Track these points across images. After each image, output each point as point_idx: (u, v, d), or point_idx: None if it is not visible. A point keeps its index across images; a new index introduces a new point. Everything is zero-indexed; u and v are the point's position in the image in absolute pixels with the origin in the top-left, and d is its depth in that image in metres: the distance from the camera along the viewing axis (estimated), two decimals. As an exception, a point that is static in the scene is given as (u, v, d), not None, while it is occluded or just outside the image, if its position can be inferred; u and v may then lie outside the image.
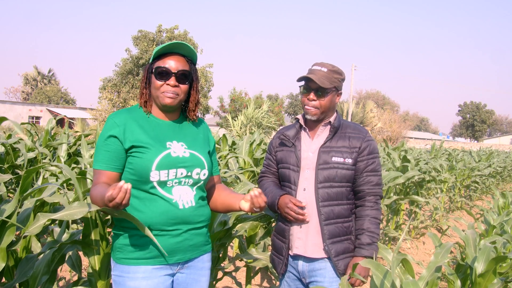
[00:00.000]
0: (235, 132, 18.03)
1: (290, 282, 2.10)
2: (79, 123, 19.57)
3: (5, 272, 1.80)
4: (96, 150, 1.66)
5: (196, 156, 1.71)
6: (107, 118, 1.68)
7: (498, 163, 11.96)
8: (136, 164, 1.61)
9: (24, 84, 53.39)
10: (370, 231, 1.96)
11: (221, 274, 2.83)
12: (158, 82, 1.65)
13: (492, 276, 2.02)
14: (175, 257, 1.66)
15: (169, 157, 1.63)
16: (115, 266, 1.65)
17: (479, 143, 53.48)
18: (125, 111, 1.70)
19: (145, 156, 1.60)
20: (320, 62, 2.04)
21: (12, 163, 3.90)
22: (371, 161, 2.01)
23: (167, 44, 1.66)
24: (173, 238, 1.63)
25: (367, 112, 30.80)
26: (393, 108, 54.96)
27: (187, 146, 1.71)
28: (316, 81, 1.94)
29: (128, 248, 1.62)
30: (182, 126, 1.77)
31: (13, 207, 1.61)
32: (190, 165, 1.67)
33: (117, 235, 1.66)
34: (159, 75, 1.65)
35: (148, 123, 1.69)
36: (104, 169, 1.62)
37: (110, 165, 1.62)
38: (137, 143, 1.62)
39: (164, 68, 1.64)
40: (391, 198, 4.59)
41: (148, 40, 24.67)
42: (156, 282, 1.62)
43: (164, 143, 1.66)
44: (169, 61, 1.66)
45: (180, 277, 1.71)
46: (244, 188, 2.48)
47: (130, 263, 1.61)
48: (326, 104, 2.00)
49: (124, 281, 1.61)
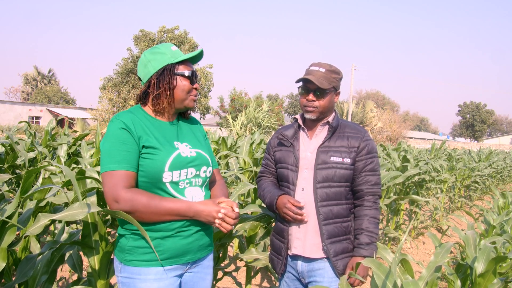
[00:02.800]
0: (235, 132, 18.03)
1: (290, 282, 2.10)
2: (79, 123, 19.55)
3: (5, 273, 1.80)
4: (108, 151, 1.57)
5: (201, 154, 1.73)
6: (112, 119, 1.63)
7: (498, 162, 11.96)
8: (148, 166, 1.58)
9: (24, 84, 53.39)
10: (369, 230, 1.96)
11: (221, 274, 2.83)
12: (190, 86, 1.71)
13: (492, 276, 2.02)
14: (186, 257, 1.66)
15: (180, 157, 1.63)
16: (123, 268, 1.62)
17: (479, 143, 53.48)
18: (128, 112, 1.67)
19: (157, 157, 1.59)
20: (317, 63, 2.03)
21: (12, 163, 3.91)
22: (370, 161, 2.01)
23: (197, 53, 1.74)
24: (185, 239, 1.63)
25: (367, 112, 30.78)
26: (393, 108, 54.96)
27: (191, 146, 1.72)
28: (315, 82, 1.93)
29: (139, 250, 1.59)
30: (180, 126, 1.78)
31: (13, 207, 1.60)
32: (198, 164, 1.69)
33: (125, 237, 1.63)
34: (190, 78, 1.71)
35: (151, 124, 1.67)
36: (127, 169, 1.54)
37: (132, 164, 1.56)
38: (148, 144, 1.59)
39: (195, 72, 1.73)
40: (391, 198, 4.59)
41: (149, 40, 24.66)
42: (167, 283, 1.61)
43: (172, 143, 1.66)
44: (190, 65, 1.75)
45: (187, 276, 1.72)
46: (244, 189, 2.48)
47: (141, 265, 1.59)
48: (325, 104, 2.00)
49: (134, 283, 1.59)
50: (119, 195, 1.52)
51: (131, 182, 1.56)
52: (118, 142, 1.56)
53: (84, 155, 4.27)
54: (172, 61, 1.68)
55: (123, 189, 1.52)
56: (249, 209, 2.39)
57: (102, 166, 1.56)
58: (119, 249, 1.65)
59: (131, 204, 1.52)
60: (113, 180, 1.53)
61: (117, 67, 25.21)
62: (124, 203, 1.52)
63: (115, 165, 1.54)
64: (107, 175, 1.54)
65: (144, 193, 1.56)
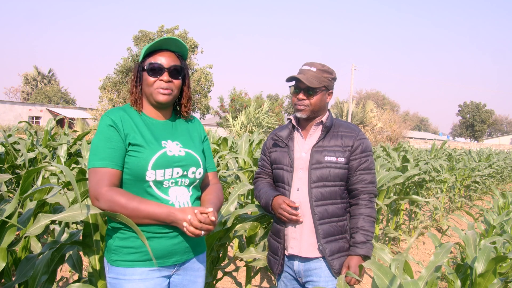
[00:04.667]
0: (235, 132, 18.03)
1: (287, 282, 2.10)
2: (79, 123, 19.55)
3: (5, 273, 1.80)
4: (95, 147, 1.58)
5: (191, 154, 1.69)
6: (102, 116, 1.64)
7: (498, 162, 11.95)
8: (132, 164, 1.58)
9: (24, 84, 53.39)
10: (364, 229, 1.95)
11: (221, 274, 2.83)
12: (151, 79, 1.64)
13: (492, 276, 2.03)
14: (172, 259, 1.63)
15: (165, 156, 1.61)
16: (110, 268, 1.61)
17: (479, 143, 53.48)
18: (119, 109, 1.67)
19: (141, 155, 1.57)
20: (309, 62, 2.04)
21: (12, 163, 3.91)
22: (364, 159, 2.01)
23: (158, 41, 1.64)
24: (170, 240, 1.61)
25: (367, 112, 30.77)
26: (393, 108, 54.95)
27: (182, 145, 1.69)
28: (305, 81, 1.94)
29: (124, 250, 1.58)
30: (176, 124, 1.76)
31: (13, 207, 1.60)
32: (185, 164, 1.65)
33: (111, 237, 1.62)
34: (151, 71, 1.64)
35: (141, 122, 1.66)
36: (110, 167, 1.55)
37: (116, 162, 1.56)
38: (134, 141, 1.59)
39: (157, 64, 1.64)
40: (391, 198, 4.59)
41: (149, 39, 24.67)
42: (153, 284, 1.59)
43: (160, 142, 1.64)
44: (160, 58, 1.65)
45: (176, 279, 1.69)
46: (244, 189, 2.48)
47: (126, 265, 1.57)
48: (316, 103, 2.00)
49: (120, 283, 1.58)
50: (99, 193, 1.52)
51: (114, 181, 1.56)
52: (105, 139, 1.57)
53: (84, 154, 4.27)
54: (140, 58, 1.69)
55: (104, 187, 1.53)
56: (248, 209, 2.39)
57: (88, 162, 1.58)
58: (107, 249, 1.65)
59: (109, 203, 1.51)
60: (96, 177, 1.54)
61: (117, 67, 25.21)
62: (103, 201, 1.52)
63: (99, 162, 1.55)
64: (92, 171, 1.56)
65: (124, 194, 1.54)
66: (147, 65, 1.65)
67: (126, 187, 1.61)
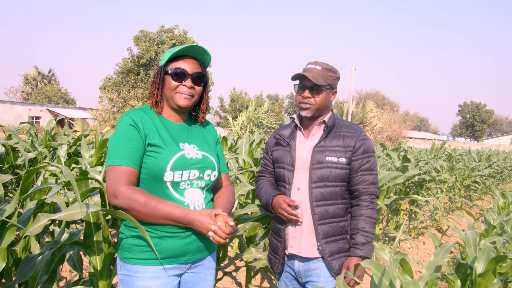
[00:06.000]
0: (235, 132, 18.03)
1: (288, 282, 2.10)
2: (79, 123, 19.56)
3: (5, 273, 1.80)
4: (114, 146, 1.60)
5: (208, 157, 1.73)
6: (122, 115, 1.66)
7: (498, 162, 11.96)
8: (151, 164, 1.60)
9: (24, 84, 53.39)
10: (364, 230, 1.95)
11: (221, 274, 2.83)
12: (174, 83, 1.68)
13: (492, 276, 2.02)
14: (184, 258, 1.66)
15: (184, 158, 1.64)
16: (122, 266, 1.64)
17: (479, 143, 53.47)
18: (139, 110, 1.70)
19: (160, 156, 1.60)
20: (314, 61, 2.04)
21: (12, 163, 3.91)
22: (366, 160, 2.00)
23: (184, 47, 1.68)
24: (182, 240, 1.63)
25: (367, 112, 30.76)
26: (393, 108, 54.97)
27: (199, 148, 1.73)
28: (311, 78, 1.94)
29: (137, 248, 1.61)
30: (191, 128, 1.80)
31: (13, 207, 1.60)
32: (202, 166, 1.69)
33: (125, 235, 1.65)
34: (175, 76, 1.68)
35: (160, 123, 1.70)
36: (129, 166, 1.57)
37: (135, 161, 1.59)
38: (153, 142, 1.62)
39: (181, 69, 1.68)
40: (391, 198, 4.59)
41: (149, 39, 24.65)
42: (165, 282, 1.62)
43: (178, 144, 1.67)
44: (184, 63, 1.69)
45: (187, 277, 1.71)
46: (244, 189, 2.48)
47: (138, 263, 1.60)
48: (321, 101, 2.00)
49: (132, 280, 1.60)
50: (119, 191, 1.54)
51: (132, 179, 1.58)
52: (125, 138, 1.60)
53: (84, 154, 4.27)
54: (163, 62, 1.72)
55: (123, 185, 1.55)
56: (249, 209, 2.39)
57: (107, 160, 1.60)
58: (120, 246, 1.68)
59: (128, 201, 1.53)
60: (115, 175, 1.56)
61: (117, 67, 25.20)
62: (122, 199, 1.54)
63: (118, 161, 1.57)
64: (110, 169, 1.58)
65: (143, 193, 1.56)
66: (172, 70, 1.68)
67: (142, 187, 1.63)
